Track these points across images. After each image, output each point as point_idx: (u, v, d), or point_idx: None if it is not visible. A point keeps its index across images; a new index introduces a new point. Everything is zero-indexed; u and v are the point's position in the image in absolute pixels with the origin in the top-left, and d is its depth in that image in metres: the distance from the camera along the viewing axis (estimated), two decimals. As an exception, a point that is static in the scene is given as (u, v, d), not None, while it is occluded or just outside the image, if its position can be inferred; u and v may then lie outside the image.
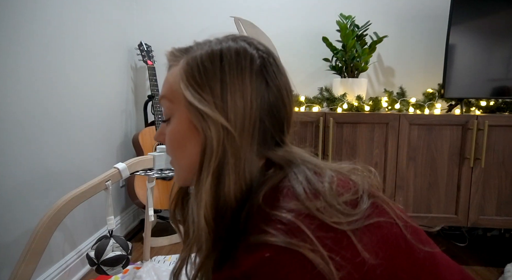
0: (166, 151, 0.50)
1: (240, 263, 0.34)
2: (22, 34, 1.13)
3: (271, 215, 0.36)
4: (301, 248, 0.32)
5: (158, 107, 1.87)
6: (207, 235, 0.41)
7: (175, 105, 0.46)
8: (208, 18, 2.07)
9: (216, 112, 0.42)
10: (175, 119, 0.46)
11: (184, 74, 0.45)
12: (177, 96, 0.45)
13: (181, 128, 0.46)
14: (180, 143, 0.46)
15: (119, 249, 0.79)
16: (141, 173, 0.86)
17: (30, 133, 1.17)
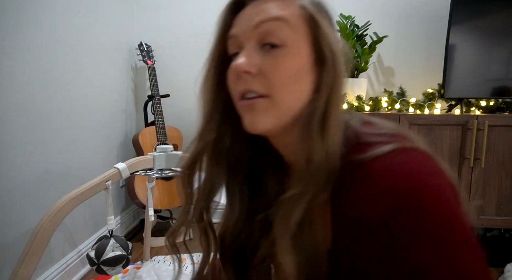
0: (266, 83, 0.43)
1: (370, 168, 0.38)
2: (22, 34, 1.13)
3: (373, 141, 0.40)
4: (415, 143, 0.40)
5: (158, 107, 1.87)
6: (327, 170, 0.41)
7: (294, 33, 0.42)
8: (208, 18, 2.07)
9: (343, 46, 0.44)
10: (293, 50, 0.42)
11: (315, 6, 0.44)
12: (301, 23, 0.43)
13: (304, 61, 0.43)
14: (299, 75, 0.43)
15: (119, 249, 0.79)
16: (141, 173, 0.86)
17: (30, 133, 1.17)
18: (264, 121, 0.43)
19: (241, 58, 0.43)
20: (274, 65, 0.42)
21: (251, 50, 0.43)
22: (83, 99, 1.52)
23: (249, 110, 0.44)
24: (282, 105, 0.43)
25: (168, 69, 2.11)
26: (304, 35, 0.43)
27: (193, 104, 2.04)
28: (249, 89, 0.43)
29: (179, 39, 2.10)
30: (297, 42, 0.42)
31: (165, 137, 1.86)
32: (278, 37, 0.42)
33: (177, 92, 2.11)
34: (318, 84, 0.43)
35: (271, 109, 0.43)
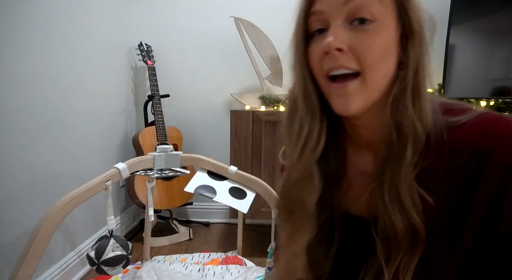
0: (357, 60, 0.43)
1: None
2: (21, 34, 1.13)
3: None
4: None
5: (158, 107, 1.87)
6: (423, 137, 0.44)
7: (384, 8, 0.42)
8: (208, 18, 2.07)
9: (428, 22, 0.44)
10: (383, 25, 0.43)
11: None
12: (390, 3, 0.43)
13: (390, 37, 0.43)
14: (389, 52, 0.44)
15: (119, 249, 0.79)
16: (141, 173, 0.86)
17: (30, 133, 1.17)
18: (355, 103, 0.44)
19: (331, 36, 0.43)
20: (366, 41, 0.42)
21: (340, 27, 0.43)
22: (83, 99, 1.51)
23: (341, 93, 0.45)
24: (372, 84, 0.44)
25: (168, 69, 2.11)
26: (392, 10, 0.43)
27: (193, 104, 2.05)
28: (340, 65, 0.43)
29: (179, 39, 2.10)
30: (386, 17, 0.43)
31: (165, 137, 1.86)
32: (370, 12, 0.42)
33: (177, 92, 2.11)
34: (404, 59, 0.44)
35: (363, 90, 0.44)
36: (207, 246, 1.83)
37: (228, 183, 0.89)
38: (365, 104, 0.45)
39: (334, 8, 0.43)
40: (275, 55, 1.95)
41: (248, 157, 1.69)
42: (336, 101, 0.46)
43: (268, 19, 2.03)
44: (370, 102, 0.45)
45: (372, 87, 0.44)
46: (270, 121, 1.67)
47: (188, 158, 0.91)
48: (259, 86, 2.00)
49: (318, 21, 0.46)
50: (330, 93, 0.47)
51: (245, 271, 1.47)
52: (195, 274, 1.48)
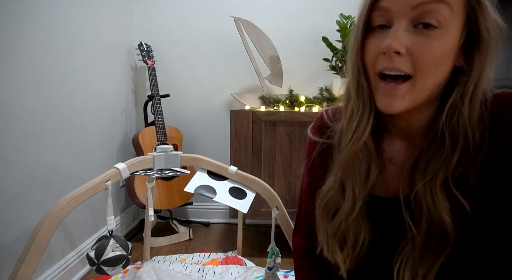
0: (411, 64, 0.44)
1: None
2: (21, 34, 1.13)
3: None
4: None
5: (158, 107, 1.87)
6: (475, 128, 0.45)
7: (452, 15, 0.42)
8: (208, 18, 2.07)
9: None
10: (447, 32, 0.42)
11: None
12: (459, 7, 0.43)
13: (451, 44, 0.43)
14: (445, 60, 0.44)
15: (119, 249, 0.79)
16: (141, 173, 0.86)
17: (30, 133, 1.17)
18: (400, 105, 0.46)
19: (393, 38, 0.43)
20: (424, 46, 0.42)
21: (403, 29, 0.43)
22: (83, 99, 1.51)
23: (389, 94, 0.46)
24: (421, 88, 0.44)
25: (168, 69, 2.11)
26: (462, 16, 0.43)
27: (193, 104, 2.04)
28: (394, 67, 0.44)
29: (179, 39, 2.10)
30: (452, 23, 0.42)
31: (165, 137, 1.86)
32: (437, 19, 0.42)
33: (177, 92, 2.11)
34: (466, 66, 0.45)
35: (410, 94, 0.45)
36: (207, 246, 1.83)
37: (228, 183, 0.89)
38: (410, 106, 0.46)
39: (402, 9, 0.43)
40: (275, 55, 1.95)
41: (248, 157, 1.69)
42: (382, 100, 0.47)
43: (268, 19, 2.03)
44: (415, 104, 0.46)
45: (420, 91, 0.45)
46: (270, 121, 1.67)
47: (188, 158, 0.91)
48: (259, 86, 2.00)
49: (382, 17, 0.46)
50: (378, 91, 0.48)
51: (245, 271, 1.47)
52: (195, 274, 1.48)
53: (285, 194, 1.69)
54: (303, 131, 1.66)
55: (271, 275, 0.91)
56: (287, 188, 1.70)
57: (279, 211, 0.88)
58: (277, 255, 0.90)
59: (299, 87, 2.00)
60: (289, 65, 2.03)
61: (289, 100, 1.83)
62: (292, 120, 1.65)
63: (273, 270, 0.91)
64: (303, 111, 1.73)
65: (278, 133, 1.67)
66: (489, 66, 0.45)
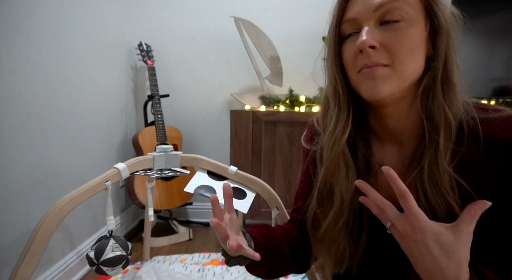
0: (388, 54, 0.47)
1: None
2: (21, 34, 1.12)
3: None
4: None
5: (158, 107, 1.87)
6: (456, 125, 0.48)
7: (412, 10, 0.47)
8: (208, 18, 2.07)
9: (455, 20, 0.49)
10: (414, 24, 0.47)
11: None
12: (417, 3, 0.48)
13: (421, 35, 0.48)
14: (417, 48, 0.48)
15: (119, 249, 0.78)
16: (141, 173, 0.85)
17: (30, 133, 1.17)
18: (383, 88, 0.48)
19: (364, 35, 0.47)
20: (396, 38, 0.47)
21: (372, 28, 0.48)
22: (83, 99, 1.51)
23: (369, 77, 0.48)
24: (402, 74, 0.48)
25: (168, 69, 2.11)
26: (420, 9, 0.48)
27: (193, 104, 2.04)
28: (373, 62, 0.47)
29: (179, 39, 2.09)
30: (414, 15, 0.47)
31: (165, 137, 1.86)
32: (399, 15, 0.47)
33: (177, 92, 2.11)
34: (433, 53, 0.49)
35: (392, 77, 0.48)
36: (207, 246, 1.83)
37: (228, 183, 0.89)
38: (393, 91, 0.48)
39: (365, 14, 0.48)
40: (275, 55, 1.95)
41: (248, 157, 1.68)
42: (365, 87, 0.49)
43: (268, 19, 2.03)
44: (398, 89, 0.48)
45: (401, 76, 0.48)
46: (270, 121, 1.66)
47: (188, 158, 0.91)
48: (259, 86, 2.00)
49: (351, 27, 0.50)
50: (360, 81, 0.50)
51: (245, 271, 1.47)
52: (195, 274, 1.48)
53: (285, 194, 1.68)
54: (303, 131, 1.66)
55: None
56: (287, 188, 1.69)
57: (279, 211, 0.88)
58: (277, 255, 0.90)
59: (299, 87, 2.00)
60: (289, 65, 2.03)
61: (289, 100, 1.83)
62: (292, 120, 1.65)
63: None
64: (303, 111, 1.72)
65: (278, 133, 1.67)
66: (452, 50, 0.49)
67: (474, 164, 0.48)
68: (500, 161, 0.46)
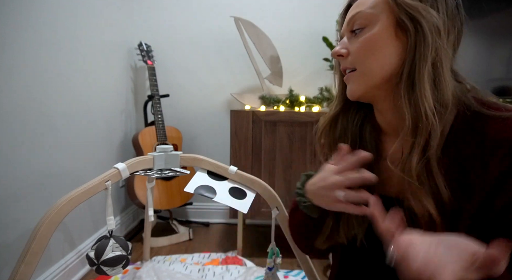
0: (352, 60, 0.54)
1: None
2: (21, 34, 1.12)
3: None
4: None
5: (158, 107, 1.87)
6: (435, 124, 0.47)
7: (376, 13, 0.51)
8: (208, 18, 2.07)
9: (430, 12, 0.48)
10: (375, 26, 0.51)
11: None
12: (381, 3, 0.51)
13: (383, 33, 0.50)
14: (378, 46, 0.51)
15: (119, 249, 0.78)
16: (141, 173, 0.85)
17: (29, 133, 1.17)
18: (355, 88, 0.55)
19: (336, 47, 0.57)
20: (357, 44, 0.53)
21: (346, 39, 0.56)
22: (83, 99, 1.51)
23: (348, 82, 0.56)
24: (366, 74, 0.53)
25: (168, 69, 2.11)
26: (385, 11, 0.50)
27: (193, 104, 2.04)
28: (343, 67, 0.56)
29: (179, 39, 2.10)
30: (375, 17, 0.51)
31: (165, 137, 1.86)
32: (359, 23, 0.53)
33: (177, 92, 2.11)
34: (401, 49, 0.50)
35: (359, 79, 0.54)
36: (207, 246, 1.83)
37: (228, 183, 0.89)
38: (365, 90, 0.54)
39: (344, 29, 0.57)
40: (275, 55, 1.95)
41: (248, 157, 1.68)
42: (346, 89, 0.57)
43: (268, 19, 2.03)
44: (368, 87, 0.53)
45: (366, 76, 0.53)
46: (270, 121, 1.66)
47: (188, 158, 0.91)
48: (259, 86, 2.00)
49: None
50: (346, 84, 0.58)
51: (245, 272, 1.47)
52: (195, 274, 1.48)
53: (285, 194, 1.68)
54: (303, 131, 1.66)
55: (271, 275, 0.91)
56: (287, 188, 1.69)
57: (279, 211, 0.88)
58: (277, 255, 0.90)
59: (299, 87, 2.00)
60: (289, 65, 2.03)
61: (289, 100, 1.83)
62: (292, 120, 1.65)
63: (273, 270, 0.91)
64: (303, 111, 1.72)
65: (278, 133, 1.67)
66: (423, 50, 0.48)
67: (475, 160, 0.47)
68: (505, 160, 0.45)
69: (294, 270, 1.54)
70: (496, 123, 0.47)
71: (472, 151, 0.47)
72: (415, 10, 0.48)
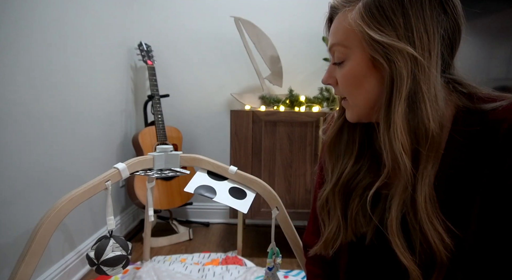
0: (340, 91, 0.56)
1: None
2: (22, 34, 1.12)
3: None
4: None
5: (158, 107, 1.87)
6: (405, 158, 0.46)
7: (350, 48, 0.51)
8: (208, 18, 2.07)
9: (402, 43, 0.46)
10: (351, 61, 0.52)
11: (365, 15, 0.48)
12: (353, 39, 0.50)
13: (360, 68, 0.51)
14: (358, 81, 0.52)
15: (119, 249, 0.78)
16: (141, 173, 0.85)
17: (30, 133, 1.17)
18: (349, 116, 0.57)
19: (325, 74, 0.58)
20: (340, 77, 0.55)
21: (331, 67, 0.57)
22: (83, 99, 1.51)
23: (345, 108, 0.58)
24: (355, 105, 0.55)
25: (168, 69, 2.11)
26: (358, 47, 0.50)
27: (193, 104, 2.04)
28: (336, 93, 0.59)
29: (179, 39, 2.09)
30: (353, 53, 0.51)
31: (165, 137, 1.86)
32: (338, 57, 0.54)
33: (177, 92, 2.11)
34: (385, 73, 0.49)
35: (351, 107, 0.56)
36: (207, 246, 1.83)
37: (228, 183, 0.89)
38: (358, 116, 0.56)
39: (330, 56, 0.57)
40: (275, 55, 1.95)
41: (248, 157, 1.68)
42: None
43: (268, 19, 2.03)
44: (361, 115, 0.56)
45: (355, 106, 0.55)
46: (270, 121, 1.66)
47: (188, 158, 0.91)
48: (259, 86, 2.00)
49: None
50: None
51: (245, 272, 1.47)
52: (195, 274, 1.48)
53: (285, 194, 1.69)
54: (303, 131, 1.66)
55: (271, 275, 0.91)
56: (287, 188, 1.69)
57: (279, 211, 0.88)
58: (277, 255, 0.90)
59: (299, 87, 2.00)
60: (289, 65, 2.03)
61: (289, 100, 1.83)
62: (292, 120, 1.65)
63: (273, 270, 0.91)
64: (303, 111, 1.72)
65: (278, 133, 1.67)
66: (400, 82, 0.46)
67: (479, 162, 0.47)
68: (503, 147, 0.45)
69: (294, 270, 1.54)
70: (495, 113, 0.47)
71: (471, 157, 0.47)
72: (386, 47, 0.46)
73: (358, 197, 0.59)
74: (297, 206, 1.70)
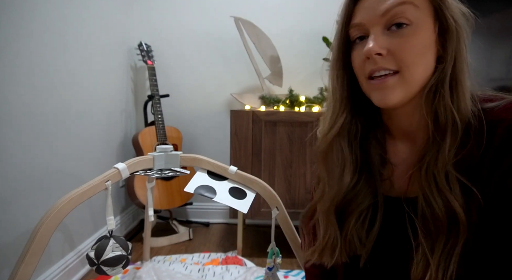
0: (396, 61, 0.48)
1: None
2: (22, 33, 1.12)
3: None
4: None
5: (158, 107, 1.87)
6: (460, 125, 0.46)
7: (419, 11, 0.47)
8: (208, 18, 2.07)
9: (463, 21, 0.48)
10: (419, 27, 0.47)
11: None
12: (423, 2, 0.47)
13: (426, 36, 0.47)
14: (425, 50, 0.48)
15: (119, 249, 0.78)
16: (141, 173, 0.85)
17: (29, 133, 1.17)
18: (393, 96, 0.49)
19: (371, 42, 0.48)
20: (402, 44, 0.47)
21: (379, 34, 0.48)
22: (83, 99, 1.51)
23: (379, 88, 0.49)
24: (410, 80, 0.48)
25: (168, 69, 2.11)
26: (429, 11, 0.47)
27: (193, 104, 2.04)
28: (380, 67, 0.48)
29: (179, 39, 2.09)
30: (422, 18, 0.47)
31: (165, 137, 1.86)
32: (406, 18, 0.46)
33: (177, 92, 2.11)
34: (442, 54, 0.48)
35: (401, 85, 0.48)
36: (207, 246, 1.83)
37: (228, 183, 0.89)
38: (405, 97, 0.49)
39: (373, 20, 0.48)
40: (275, 55, 1.95)
41: (248, 157, 1.68)
42: (375, 95, 0.51)
43: (268, 19, 2.03)
44: (409, 95, 0.49)
45: (411, 82, 0.48)
46: (270, 121, 1.66)
47: (188, 158, 0.91)
48: (259, 86, 2.00)
49: (358, 31, 0.51)
50: (370, 89, 0.52)
51: (245, 272, 1.47)
52: (195, 274, 1.48)
53: (285, 194, 1.69)
54: (303, 131, 1.66)
55: (271, 275, 0.91)
56: (287, 188, 1.69)
57: (279, 211, 0.88)
58: (277, 255, 0.90)
59: (299, 87, 2.00)
60: (289, 65, 2.03)
61: (289, 100, 1.83)
62: (292, 120, 1.65)
63: (273, 270, 0.91)
64: (303, 111, 1.72)
65: (278, 133, 1.67)
66: (463, 50, 0.48)
67: (479, 160, 0.47)
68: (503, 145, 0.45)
69: (294, 270, 1.54)
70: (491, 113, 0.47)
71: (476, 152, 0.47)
72: (457, 15, 0.48)
73: (354, 219, 0.56)
74: (297, 206, 1.70)
